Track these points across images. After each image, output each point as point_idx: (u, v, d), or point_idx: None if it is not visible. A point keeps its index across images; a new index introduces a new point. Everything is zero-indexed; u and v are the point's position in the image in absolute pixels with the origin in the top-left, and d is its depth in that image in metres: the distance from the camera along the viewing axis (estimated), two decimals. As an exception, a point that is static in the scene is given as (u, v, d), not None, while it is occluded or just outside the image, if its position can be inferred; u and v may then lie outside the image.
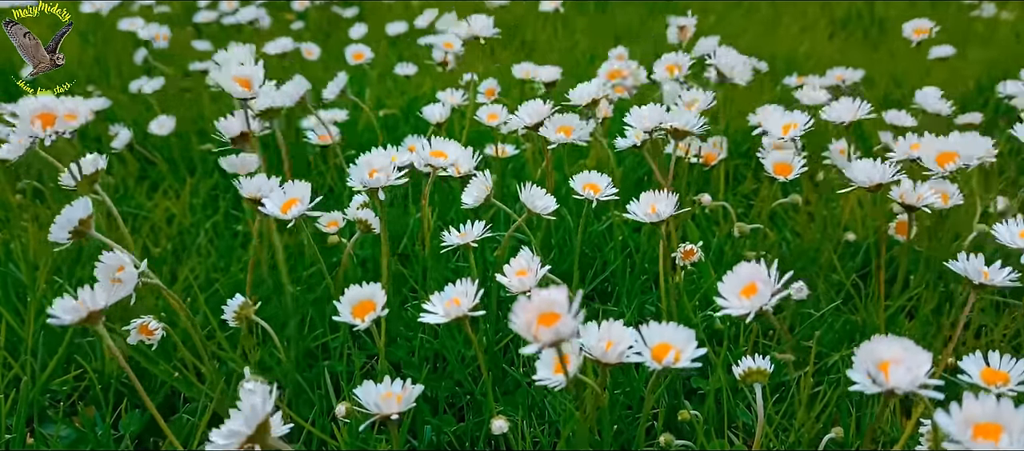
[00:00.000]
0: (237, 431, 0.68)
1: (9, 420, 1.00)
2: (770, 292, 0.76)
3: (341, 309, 0.90)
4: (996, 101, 1.84)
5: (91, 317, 0.82)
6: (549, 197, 1.07)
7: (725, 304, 0.79)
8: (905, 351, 0.68)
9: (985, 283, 0.91)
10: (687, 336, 0.78)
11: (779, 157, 1.25)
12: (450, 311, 0.84)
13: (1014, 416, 0.61)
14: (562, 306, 0.63)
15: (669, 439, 0.89)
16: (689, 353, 0.77)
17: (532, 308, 0.64)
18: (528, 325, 0.63)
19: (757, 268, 0.78)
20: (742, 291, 0.78)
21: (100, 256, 0.92)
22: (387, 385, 0.84)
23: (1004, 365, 0.80)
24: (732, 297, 0.79)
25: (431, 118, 1.49)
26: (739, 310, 0.77)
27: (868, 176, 1.08)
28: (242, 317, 0.99)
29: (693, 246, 1.13)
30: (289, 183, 1.01)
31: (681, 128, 1.18)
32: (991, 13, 2.72)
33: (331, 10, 2.87)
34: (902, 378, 0.66)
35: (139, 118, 1.92)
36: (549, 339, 0.63)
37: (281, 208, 0.97)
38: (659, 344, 0.78)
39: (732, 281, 0.80)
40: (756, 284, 0.77)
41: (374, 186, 0.99)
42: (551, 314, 0.64)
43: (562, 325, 0.62)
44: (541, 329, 0.63)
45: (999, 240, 0.98)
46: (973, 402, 0.62)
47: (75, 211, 0.94)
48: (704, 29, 1.79)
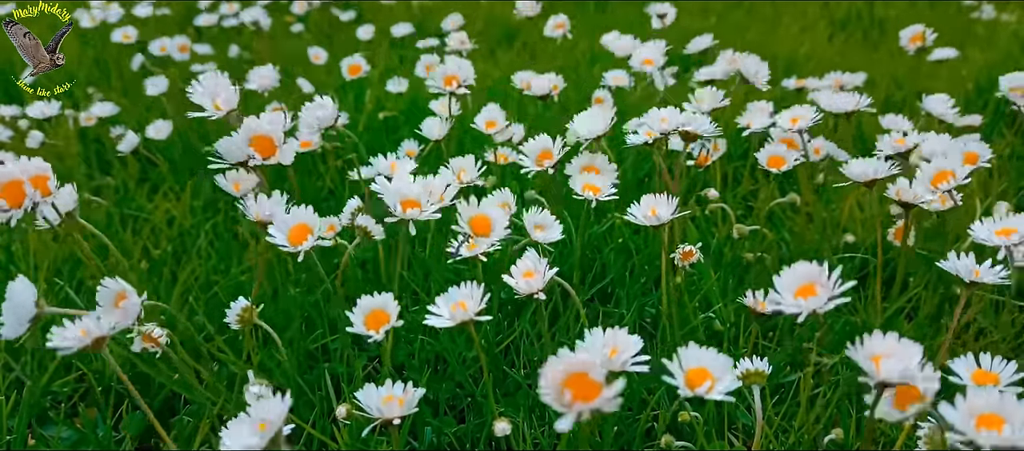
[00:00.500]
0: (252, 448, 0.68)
1: (11, 422, 1.01)
2: (828, 296, 0.74)
3: (354, 320, 0.89)
4: (996, 103, 1.84)
5: (97, 343, 0.79)
6: (556, 226, 1.05)
7: (779, 301, 0.76)
8: (897, 345, 0.69)
9: (976, 281, 0.92)
10: (724, 364, 0.75)
11: (773, 151, 1.26)
12: (456, 315, 0.84)
13: (1016, 408, 0.62)
14: (597, 370, 0.59)
15: (669, 440, 0.89)
16: (726, 384, 0.73)
17: (559, 371, 0.59)
18: (557, 392, 0.59)
19: (816, 269, 0.76)
20: (798, 291, 0.76)
21: (102, 281, 0.89)
22: (388, 388, 0.84)
23: (995, 367, 0.81)
24: (787, 294, 0.76)
25: (430, 134, 1.42)
26: (793, 309, 0.75)
27: (863, 172, 1.08)
28: (245, 320, 0.99)
29: (692, 247, 1.13)
30: (298, 208, 0.97)
31: (693, 131, 1.18)
32: (991, 15, 2.73)
33: (331, 12, 2.87)
34: (893, 369, 0.67)
35: (143, 120, 1.92)
36: (586, 412, 0.58)
37: (289, 239, 0.95)
38: (695, 369, 0.75)
39: (789, 278, 0.77)
40: (815, 286, 0.75)
41: (406, 219, 0.95)
42: (582, 376, 0.59)
43: (603, 401, 0.58)
44: (577, 404, 0.58)
45: (976, 238, 0.98)
46: (977, 394, 0.63)
47: (24, 296, 0.82)
48: (704, 30, 1.79)
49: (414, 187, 0.97)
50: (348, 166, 1.62)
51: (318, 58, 2.18)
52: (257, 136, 1.03)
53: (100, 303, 0.88)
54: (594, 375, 0.59)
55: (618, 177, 1.15)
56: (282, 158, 1.03)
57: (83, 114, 1.86)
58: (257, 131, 1.03)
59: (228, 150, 1.04)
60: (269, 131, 1.03)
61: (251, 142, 1.03)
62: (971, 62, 2.22)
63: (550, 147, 1.19)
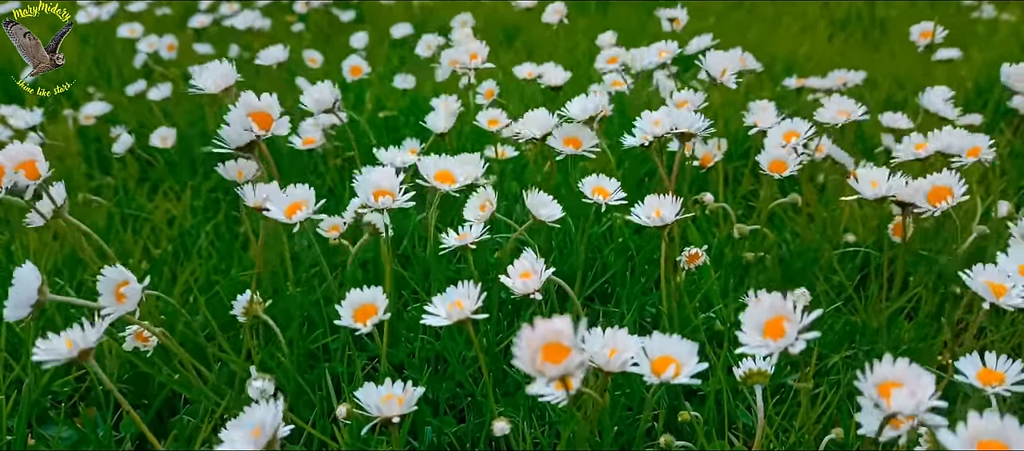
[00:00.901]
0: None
1: (11, 421, 1.00)
2: (796, 331, 0.70)
3: (342, 313, 0.90)
4: (996, 102, 1.84)
5: (82, 355, 0.79)
6: (554, 204, 1.07)
7: (746, 341, 0.72)
8: (907, 372, 0.66)
9: (997, 303, 0.87)
10: (689, 349, 0.77)
11: (775, 155, 1.26)
12: (453, 314, 0.84)
13: (1019, 434, 0.61)
14: (568, 337, 0.60)
15: (669, 440, 0.89)
16: (690, 368, 0.75)
17: (535, 339, 0.61)
18: (532, 358, 0.60)
19: (781, 302, 0.72)
20: (766, 327, 0.72)
21: (102, 270, 0.89)
22: (388, 387, 0.84)
23: (1000, 366, 0.80)
24: (754, 334, 0.72)
25: (434, 128, 1.42)
26: (763, 350, 0.71)
27: (875, 193, 1.07)
28: (251, 313, 0.99)
29: (698, 250, 1.13)
30: (292, 187, 0.99)
31: (687, 131, 1.18)
32: (991, 14, 2.73)
33: (331, 12, 2.87)
34: (905, 403, 0.65)
35: (142, 120, 1.92)
36: (555, 375, 0.60)
37: (285, 212, 0.96)
38: (660, 357, 0.77)
39: (755, 314, 0.73)
40: (783, 321, 0.71)
41: (379, 208, 0.97)
42: (556, 345, 0.61)
43: (570, 362, 0.60)
44: (547, 365, 0.60)
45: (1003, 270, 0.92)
46: (979, 420, 0.62)
47: (29, 282, 0.83)
48: (704, 30, 1.79)
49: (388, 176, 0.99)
50: (349, 165, 1.63)
51: (314, 61, 2.18)
52: (255, 112, 1.06)
53: (101, 292, 0.89)
54: (565, 341, 0.60)
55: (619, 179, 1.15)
56: (278, 129, 1.07)
57: (82, 113, 1.86)
58: (254, 107, 1.06)
59: (230, 135, 1.06)
60: (265, 106, 1.07)
61: (251, 115, 1.06)
62: (971, 62, 2.22)
63: (549, 123, 1.22)
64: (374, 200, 0.97)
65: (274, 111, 1.07)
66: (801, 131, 1.25)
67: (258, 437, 0.68)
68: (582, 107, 1.26)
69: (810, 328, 0.70)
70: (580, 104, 1.27)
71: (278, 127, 1.07)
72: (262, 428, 0.69)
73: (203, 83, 1.14)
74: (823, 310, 1.16)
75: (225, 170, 1.33)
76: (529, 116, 1.24)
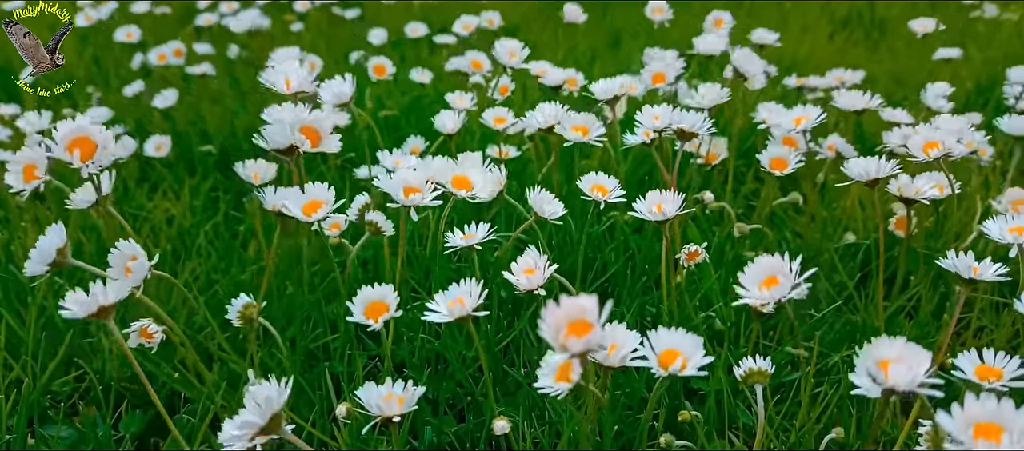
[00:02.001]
0: (250, 422, 0.68)
1: (10, 421, 1.00)
2: (790, 285, 0.77)
3: (354, 310, 0.91)
4: (997, 101, 1.84)
5: (101, 312, 0.83)
6: (557, 202, 1.07)
7: (745, 294, 0.80)
8: (905, 350, 0.68)
9: (975, 278, 0.93)
10: (694, 343, 0.77)
11: (776, 152, 1.26)
12: (454, 311, 0.85)
13: (1015, 417, 0.61)
14: (593, 314, 0.61)
15: (670, 440, 0.89)
16: (696, 360, 0.75)
17: (561, 314, 0.61)
18: (556, 332, 0.61)
19: (778, 261, 0.79)
20: (762, 282, 0.80)
21: (116, 244, 0.93)
22: (388, 386, 0.84)
23: (999, 362, 0.81)
24: (752, 287, 0.80)
25: (443, 128, 1.40)
26: (758, 299, 0.79)
27: (864, 170, 1.08)
28: (247, 317, 0.99)
29: (698, 247, 1.13)
30: (310, 185, 0.99)
31: (688, 129, 1.18)
32: (992, 14, 2.72)
33: (332, 11, 2.86)
34: (902, 376, 0.66)
35: (142, 121, 1.92)
36: (579, 349, 0.60)
37: (303, 210, 0.96)
38: (666, 350, 0.77)
39: (753, 272, 0.81)
40: (776, 276, 0.79)
41: (408, 204, 0.97)
42: (581, 322, 0.61)
43: (593, 336, 0.60)
44: (571, 339, 0.60)
45: (988, 236, 0.99)
46: (974, 402, 0.62)
47: (51, 241, 0.90)
48: (702, 30, 1.79)
49: (416, 175, 1.00)
50: (349, 165, 1.63)
51: (314, 66, 2.16)
52: (305, 126, 1.05)
53: (112, 266, 0.93)
54: (590, 318, 0.61)
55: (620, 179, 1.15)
56: (328, 146, 1.06)
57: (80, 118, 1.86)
58: (305, 122, 1.05)
59: (273, 136, 1.03)
60: (314, 121, 1.06)
61: (302, 129, 1.05)
62: (971, 61, 2.22)
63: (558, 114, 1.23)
64: (404, 196, 0.97)
65: (325, 127, 1.06)
66: (812, 116, 1.26)
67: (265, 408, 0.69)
68: (607, 86, 1.32)
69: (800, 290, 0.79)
70: (603, 84, 1.32)
71: (329, 144, 1.06)
72: (268, 401, 0.70)
73: (273, 78, 1.14)
74: (824, 311, 1.16)
75: (243, 170, 1.33)
76: (539, 107, 1.25)
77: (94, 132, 1.00)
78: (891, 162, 1.08)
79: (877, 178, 1.08)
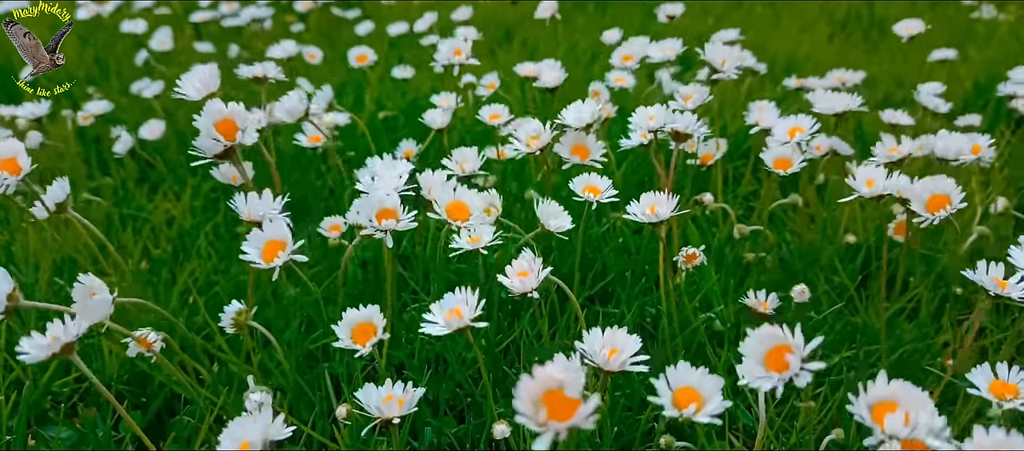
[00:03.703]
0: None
1: (10, 422, 1.00)
2: (799, 363, 0.67)
3: (340, 334, 0.88)
4: (996, 102, 1.84)
5: (65, 349, 0.80)
6: (565, 215, 1.06)
7: (747, 376, 0.70)
8: (902, 390, 0.64)
9: (1001, 294, 0.88)
10: (714, 385, 0.71)
11: (779, 152, 1.26)
12: (451, 323, 0.83)
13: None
14: (573, 386, 0.56)
15: (669, 440, 0.89)
16: (712, 407, 0.70)
17: (534, 388, 0.56)
18: (534, 411, 0.56)
19: (780, 332, 0.69)
20: (766, 357, 0.70)
21: (78, 277, 0.88)
22: (388, 388, 0.84)
23: (1013, 377, 0.78)
24: (757, 367, 0.70)
25: (432, 124, 1.45)
26: (768, 384, 0.68)
27: (872, 191, 1.07)
28: (239, 324, 0.99)
29: (695, 250, 1.13)
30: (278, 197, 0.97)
31: (683, 131, 1.18)
32: (991, 14, 2.72)
33: (332, 12, 2.87)
34: (899, 427, 0.63)
35: (142, 120, 1.92)
36: (564, 430, 0.55)
37: (263, 255, 0.92)
38: (684, 388, 0.72)
39: (753, 346, 0.70)
40: (783, 353, 0.68)
41: (384, 230, 0.96)
42: (556, 394, 0.56)
43: (580, 418, 0.55)
44: (553, 423, 0.55)
45: (1015, 264, 0.92)
46: (984, 436, 0.61)
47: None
48: (704, 30, 1.79)
49: (393, 198, 0.98)
50: (349, 167, 1.63)
51: (313, 57, 2.18)
52: (221, 120, 1.03)
53: (76, 299, 0.88)
54: (570, 392, 0.56)
55: (617, 181, 1.15)
56: (244, 139, 1.03)
57: (80, 113, 1.86)
58: (220, 115, 1.02)
59: (204, 145, 1.04)
60: (231, 113, 1.03)
61: (217, 125, 1.03)
62: (970, 62, 2.22)
63: (540, 130, 1.17)
64: (378, 222, 0.96)
65: (240, 119, 1.03)
66: (805, 127, 1.26)
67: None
68: (577, 115, 1.21)
69: (813, 358, 0.67)
70: (575, 111, 1.22)
71: (244, 136, 1.03)
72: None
73: (187, 89, 1.13)
74: (824, 312, 1.16)
75: (219, 174, 1.33)
76: (523, 125, 1.21)
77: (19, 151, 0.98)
78: (895, 174, 1.07)
79: (882, 195, 1.07)
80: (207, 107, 1.02)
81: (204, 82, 1.13)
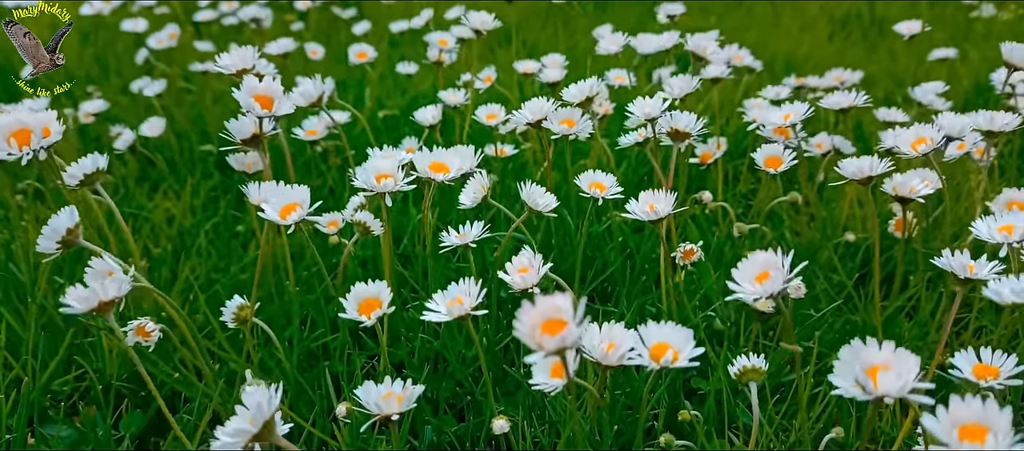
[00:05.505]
0: (243, 430, 0.68)
1: (10, 420, 1.00)
2: (783, 279, 0.77)
3: (347, 306, 0.91)
4: (995, 100, 1.84)
5: (102, 307, 0.83)
6: (549, 195, 1.07)
7: (738, 289, 0.79)
8: (893, 356, 0.67)
9: (971, 278, 0.91)
10: (685, 336, 0.78)
11: (770, 151, 1.27)
12: (453, 310, 0.85)
13: (999, 417, 0.61)
14: (567, 312, 0.61)
15: (669, 439, 0.89)
16: (687, 353, 0.77)
17: (536, 313, 0.61)
18: (532, 331, 0.61)
19: (771, 256, 0.79)
20: (756, 277, 0.79)
21: (90, 262, 0.92)
22: (388, 385, 0.84)
23: (995, 360, 0.81)
24: (746, 283, 0.79)
25: (424, 121, 1.48)
26: (752, 295, 0.78)
27: (858, 169, 1.08)
28: (241, 319, 0.99)
29: (693, 246, 1.13)
30: (290, 186, 1.00)
31: (681, 129, 1.18)
32: (990, 13, 2.73)
33: (331, 11, 2.87)
34: (892, 384, 0.65)
35: (142, 119, 1.92)
36: (553, 347, 0.61)
37: (280, 213, 0.96)
38: (657, 343, 0.78)
39: (747, 268, 0.80)
40: (769, 271, 0.78)
41: (381, 191, 0.99)
42: (556, 321, 0.62)
43: (567, 334, 0.61)
44: (545, 337, 0.61)
45: (977, 235, 0.98)
46: (960, 404, 0.62)
47: (62, 220, 0.91)
48: (704, 30, 1.79)
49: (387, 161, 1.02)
50: (346, 165, 1.63)
51: (315, 54, 2.18)
52: (257, 94, 1.09)
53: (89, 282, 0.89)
54: (564, 317, 0.62)
55: (617, 179, 1.15)
56: (280, 109, 1.10)
57: (80, 112, 1.86)
58: (256, 90, 1.09)
59: (238, 128, 1.12)
60: (267, 90, 1.09)
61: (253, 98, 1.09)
62: (970, 61, 2.22)
63: (545, 108, 1.22)
64: (376, 183, 0.98)
65: (276, 93, 1.09)
66: (799, 112, 1.27)
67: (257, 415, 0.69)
68: (579, 89, 1.29)
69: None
70: (577, 86, 1.29)
71: (280, 107, 1.09)
72: (259, 408, 0.69)
73: (224, 63, 1.18)
74: (823, 310, 1.16)
75: (235, 160, 1.35)
76: (527, 104, 1.25)
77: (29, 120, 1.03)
78: (885, 161, 1.08)
79: (871, 176, 1.08)
80: (245, 82, 1.09)
81: (242, 58, 1.19)
